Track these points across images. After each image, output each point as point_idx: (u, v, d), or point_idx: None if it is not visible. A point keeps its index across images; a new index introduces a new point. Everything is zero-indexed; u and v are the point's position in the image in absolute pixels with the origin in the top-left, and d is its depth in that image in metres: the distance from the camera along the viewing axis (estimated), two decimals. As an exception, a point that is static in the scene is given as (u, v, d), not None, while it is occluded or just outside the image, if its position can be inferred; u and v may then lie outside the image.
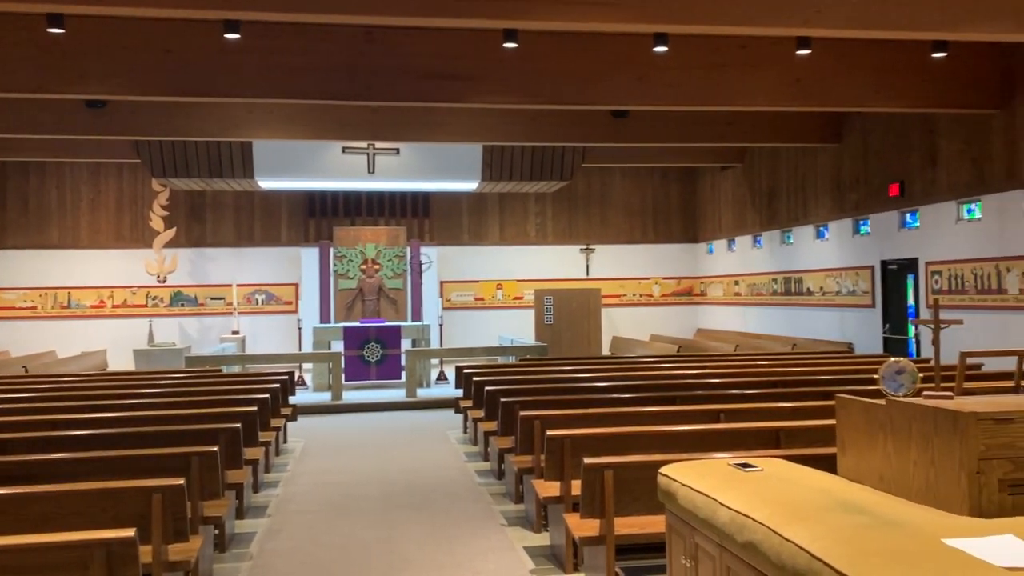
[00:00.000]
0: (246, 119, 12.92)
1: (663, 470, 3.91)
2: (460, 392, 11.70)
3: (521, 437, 7.00)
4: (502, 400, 7.99)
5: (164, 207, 18.67)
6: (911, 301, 13.15)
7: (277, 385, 10.00)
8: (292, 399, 11.35)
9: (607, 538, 4.97)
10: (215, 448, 5.59)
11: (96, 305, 19.20)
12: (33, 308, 18.97)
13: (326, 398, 14.25)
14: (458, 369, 11.71)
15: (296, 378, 13.15)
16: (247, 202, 19.74)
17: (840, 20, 7.63)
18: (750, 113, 13.44)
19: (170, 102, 12.29)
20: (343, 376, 14.95)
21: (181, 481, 4.55)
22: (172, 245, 18.90)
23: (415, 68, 10.02)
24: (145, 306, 19.34)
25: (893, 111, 12.09)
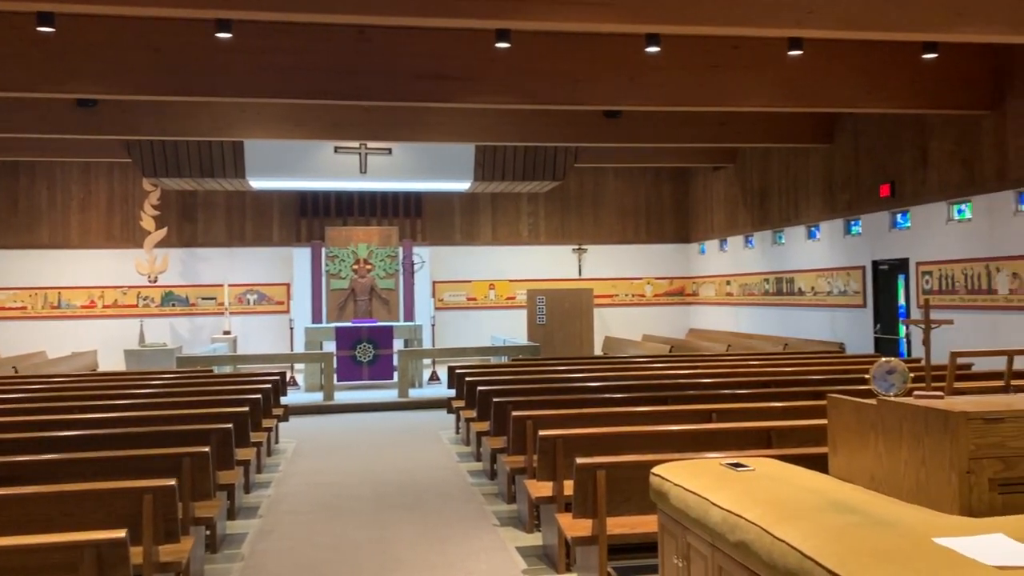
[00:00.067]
0: (238, 119, 12.89)
1: (655, 470, 3.92)
2: (452, 392, 11.69)
3: (513, 437, 6.99)
4: (494, 400, 7.99)
5: (155, 207, 18.57)
6: (902, 301, 13.20)
7: (269, 385, 9.97)
8: (284, 399, 11.32)
9: (599, 538, 4.97)
10: (206, 449, 5.57)
11: (87, 305, 19.12)
12: (23, 308, 18.88)
13: (318, 398, 14.22)
14: (450, 369, 11.70)
15: (288, 378, 13.10)
16: (239, 202, 19.68)
17: (832, 21, 7.67)
18: (742, 113, 13.47)
19: (161, 101, 12.24)
20: (335, 376, 14.92)
21: (172, 482, 4.53)
22: (163, 245, 18.82)
23: (408, 68, 10.01)
24: (136, 306, 19.27)
25: (884, 112, 12.13)
